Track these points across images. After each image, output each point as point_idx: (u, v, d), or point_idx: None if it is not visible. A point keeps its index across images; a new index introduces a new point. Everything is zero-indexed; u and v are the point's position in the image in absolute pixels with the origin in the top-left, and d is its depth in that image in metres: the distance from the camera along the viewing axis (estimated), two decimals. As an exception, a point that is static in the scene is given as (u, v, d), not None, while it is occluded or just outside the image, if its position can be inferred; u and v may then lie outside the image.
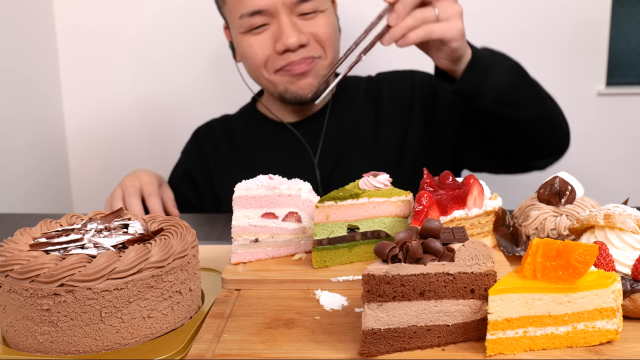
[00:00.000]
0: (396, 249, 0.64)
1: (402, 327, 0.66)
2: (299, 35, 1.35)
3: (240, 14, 1.37)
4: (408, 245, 0.64)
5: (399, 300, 0.65)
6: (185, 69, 2.10)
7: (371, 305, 0.65)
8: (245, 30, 1.39)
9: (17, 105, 1.90)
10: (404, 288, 0.65)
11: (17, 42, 1.89)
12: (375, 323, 0.65)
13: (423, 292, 0.65)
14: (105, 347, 0.67)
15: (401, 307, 0.65)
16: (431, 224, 0.66)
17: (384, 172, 0.94)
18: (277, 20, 1.36)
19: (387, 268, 0.64)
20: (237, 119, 1.64)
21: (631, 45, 2.07)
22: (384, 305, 0.65)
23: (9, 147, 1.86)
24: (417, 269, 0.64)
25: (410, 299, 0.65)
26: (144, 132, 2.17)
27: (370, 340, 0.65)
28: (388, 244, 0.65)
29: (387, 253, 0.64)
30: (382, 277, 0.64)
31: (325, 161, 1.51)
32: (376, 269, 0.64)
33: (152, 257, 0.69)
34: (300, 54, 1.37)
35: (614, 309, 0.66)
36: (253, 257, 0.92)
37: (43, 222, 0.80)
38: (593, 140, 2.08)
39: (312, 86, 1.41)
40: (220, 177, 1.57)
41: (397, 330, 0.65)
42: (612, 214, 0.75)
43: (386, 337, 0.65)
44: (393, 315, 0.65)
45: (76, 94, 2.14)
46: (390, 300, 0.65)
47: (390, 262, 0.64)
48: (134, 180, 1.34)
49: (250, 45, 1.40)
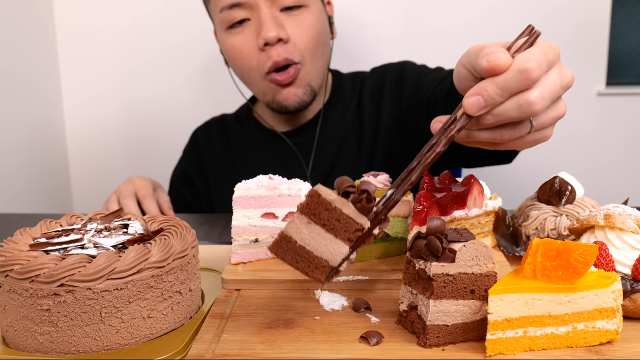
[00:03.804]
0: (355, 192, 0.65)
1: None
2: (279, 30, 1.31)
3: (221, 7, 1.34)
4: (369, 195, 0.64)
5: (328, 231, 0.65)
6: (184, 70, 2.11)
7: (301, 218, 0.65)
8: (227, 25, 1.36)
9: (16, 105, 1.90)
10: (338, 223, 0.65)
11: (16, 42, 1.89)
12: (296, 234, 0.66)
13: (350, 239, 0.65)
14: (105, 347, 0.67)
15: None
16: (434, 222, 0.66)
17: (384, 172, 0.94)
18: (257, 14, 1.32)
19: (334, 197, 0.65)
20: (233, 121, 1.63)
21: (631, 45, 2.07)
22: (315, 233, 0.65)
23: (9, 147, 1.86)
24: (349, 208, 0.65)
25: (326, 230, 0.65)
26: (144, 132, 2.17)
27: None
28: (349, 180, 0.66)
29: (343, 187, 0.65)
30: (325, 202, 0.64)
31: (318, 172, 1.49)
32: (327, 192, 0.65)
33: (152, 257, 0.69)
34: (282, 53, 1.32)
35: (614, 309, 0.66)
36: (253, 257, 0.92)
37: (43, 222, 0.80)
38: (593, 140, 2.08)
39: (296, 96, 1.38)
40: (214, 179, 1.57)
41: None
42: (612, 214, 0.75)
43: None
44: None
45: (76, 95, 2.14)
46: (320, 225, 0.65)
47: (341, 195, 0.65)
48: (129, 185, 1.35)
49: (235, 47, 1.37)
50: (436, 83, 1.30)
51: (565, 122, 2.03)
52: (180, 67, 2.10)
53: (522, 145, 0.75)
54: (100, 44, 2.09)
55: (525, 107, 0.66)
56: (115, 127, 2.17)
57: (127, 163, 2.18)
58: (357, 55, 2.02)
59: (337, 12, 1.60)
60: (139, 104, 2.14)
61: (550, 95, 0.68)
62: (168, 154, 1.91)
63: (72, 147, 2.19)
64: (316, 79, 1.41)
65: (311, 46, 1.36)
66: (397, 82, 1.48)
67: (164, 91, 2.12)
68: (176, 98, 2.12)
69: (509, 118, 0.68)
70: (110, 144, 2.18)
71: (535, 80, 0.66)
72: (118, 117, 2.16)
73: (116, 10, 2.07)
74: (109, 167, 2.19)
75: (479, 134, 0.72)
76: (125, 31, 2.08)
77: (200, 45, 2.05)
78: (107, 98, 2.14)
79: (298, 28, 1.34)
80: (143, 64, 2.10)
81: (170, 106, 2.13)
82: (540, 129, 0.73)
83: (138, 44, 2.09)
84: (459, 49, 1.06)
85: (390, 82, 1.49)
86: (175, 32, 2.07)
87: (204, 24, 1.72)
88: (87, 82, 2.13)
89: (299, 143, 1.50)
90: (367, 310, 0.76)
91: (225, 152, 1.58)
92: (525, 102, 0.66)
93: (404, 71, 1.49)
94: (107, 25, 2.08)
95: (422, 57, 1.62)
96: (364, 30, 2.03)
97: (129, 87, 2.13)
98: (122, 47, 2.10)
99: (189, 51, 2.08)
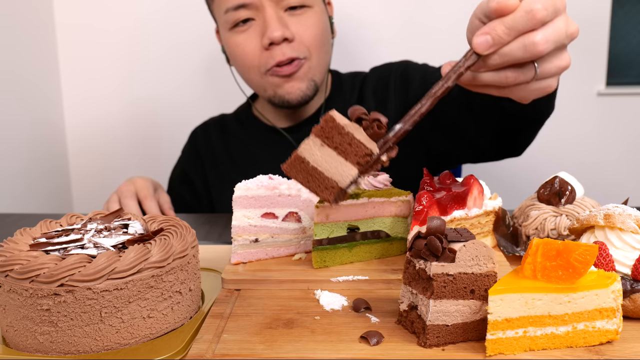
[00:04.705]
0: (367, 119, 0.70)
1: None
2: (284, 29, 1.32)
3: (226, 8, 1.35)
4: (380, 122, 0.70)
5: (339, 154, 0.71)
6: (185, 69, 2.11)
7: (315, 140, 0.71)
8: (232, 25, 1.37)
9: (16, 105, 1.90)
10: (350, 147, 0.70)
11: (16, 42, 1.89)
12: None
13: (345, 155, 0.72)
14: (105, 347, 0.67)
15: None
16: (434, 222, 0.66)
17: (383, 172, 0.94)
18: (262, 14, 1.33)
19: (347, 122, 0.71)
20: (232, 120, 1.63)
21: (631, 45, 2.07)
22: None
23: (9, 146, 1.86)
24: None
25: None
26: (144, 132, 2.17)
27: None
28: (362, 109, 0.72)
29: (356, 114, 0.71)
30: (339, 127, 0.70)
31: None
32: (341, 117, 0.70)
33: (152, 257, 0.69)
34: (286, 51, 1.34)
35: (614, 309, 0.66)
36: (253, 257, 0.92)
37: (43, 222, 0.80)
38: (593, 140, 2.08)
39: (299, 90, 1.38)
40: (214, 179, 1.57)
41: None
42: (612, 214, 0.75)
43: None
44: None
45: (76, 94, 2.15)
46: (332, 148, 0.71)
47: (354, 121, 0.71)
48: (129, 185, 1.36)
49: (238, 45, 1.38)
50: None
51: (565, 122, 2.04)
52: (182, 66, 2.10)
53: (527, 94, 0.79)
54: (99, 43, 2.09)
55: (530, 47, 0.70)
56: (115, 127, 2.17)
57: (127, 162, 2.18)
58: (356, 54, 2.02)
59: (336, 12, 1.60)
60: (139, 104, 2.14)
61: (554, 38, 0.72)
62: (170, 152, 1.91)
63: (72, 147, 2.19)
64: (319, 74, 1.42)
65: (315, 43, 1.38)
66: (402, 80, 1.49)
67: (165, 90, 2.12)
68: (179, 96, 2.12)
69: (514, 58, 0.72)
70: (111, 144, 2.18)
71: (541, 21, 0.70)
72: (118, 117, 2.16)
73: (116, 10, 2.07)
74: (110, 167, 2.19)
75: (485, 76, 0.75)
76: (125, 31, 2.08)
77: (203, 44, 2.05)
78: (107, 98, 2.14)
79: (302, 27, 1.35)
80: (143, 64, 2.10)
81: (172, 105, 2.13)
82: (545, 78, 0.77)
83: (138, 44, 2.09)
84: (458, 48, 1.06)
85: (395, 81, 1.50)
86: (178, 32, 2.07)
87: (205, 23, 1.72)
88: (87, 81, 2.13)
89: (300, 139, 1.49)
90: (367, 310, 0.76)
91: (224, 150, 1.58)
92: (530, 43, 0.70)
93: (409, 70, 1.49)
94: (107, 24, 2.08)
95: (422, 57, 1.62)
96: (363, 30, 2.03)
97: (129, 87, 2.13)
98: (122, 47, 2.10)
99: (191, 50, 2.08)
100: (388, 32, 2.02)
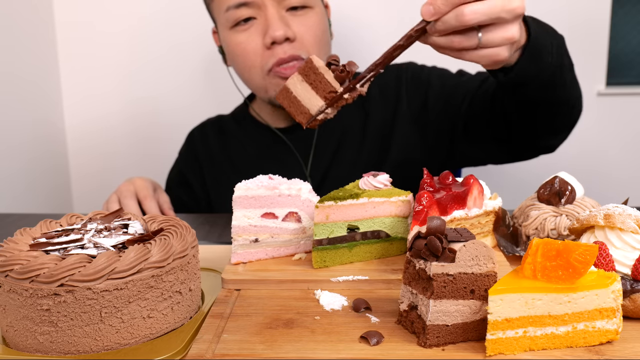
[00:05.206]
0: (336, 64, 0.89)
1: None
2: (286, 29, 1.32)
3: (227, 6, 1.35)
4: (343, 69, 0.88)
5: (313, 88, 0.91)
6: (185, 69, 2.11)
7: (298, 77, 0.91)
8: (232, 24, 1.36)
9: (16, 105, 1.90)
10: (320, 84, 0.90)
11: (16, 42, 1.89)
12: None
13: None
14: (105, 347, 0.67)
15: None
16: (434, 222, 0.66)
17: (383, 172, 0.94)
18: (264, 13, 1.33)
19: (321, 65, 0.90)
20: (230, 121, 1.63)
21: (631, 45, 2.07)
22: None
23: (9, 146, 1.86)
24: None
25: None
26: (144, 132, 2.17)
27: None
28: (335, 56, 0.90)
29: (328, 59, 0.90)
30: (314, 68, 0.89)
31: (316, 169, 1.49)
32: (317, 60, 0.90)
33: (152, 257, 0.69)
34: (288, 50, 1.34)
35: (614, 309, 0.66)
36: (253, 257, 0.92)
37: (43, 222, 0.80)
38: (593, 140, 2.08)
39: None
40: (212, 180, 1.57)
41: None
42: (612, 214, 0.75)
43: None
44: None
45: (76, 94, 2.14)
46: (308, 83, 0.91)
47: (326, 65, 0.90)
48: (129, 185, 1.36)
49: (239, 44, 1.37)
50: (478, 82, 1.38)
51: (565, 122, 2.03)
52: (182, 67, 2.10)
53: (478, 59, 0.91)
54: (99, 43, 2.09)
55: (460, 17, 0.84)
56: (115, 126, 2.17)
57: (127, 162, 2.18)
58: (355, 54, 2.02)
59: (334, 13, 1.61)
60: (139, 103, 2.14)
61: (484, 11, 0.84)
62: (169, 152, 1.90)
63: (72, 147, 2.19)
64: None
65: (316, 44, 1.38)
66: (413, 80, 1.50)
67: (165, 90, 2.12)
68: (179, 97, 2.12)
69: (452, 26, 0.86)
70: (111, 144, 2.18)
71: None
72: (118, 116, 2.16)
73: (116, 10, 2.07)
74: (109, 167, 2.19)
75: (437, 39, 0.90)
76: (125, 31, 2.08)
77: (203, 44, 2.04)
78: (107, 98, 2.14)
79: (304, 27, 1.36)
80: (143, 64, 2.10)
81: (172, 105, 2.13)
82: (491, 46, 0.90)
83: (138, 44, 2.09)
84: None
85: (407, 80, 1.51)
86: (178, 32, 2.06)
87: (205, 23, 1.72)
88: (87, 80, 2.13)
89: (297, 139, 1.50)
90: (367, 310, 0.76)
91: (222, 151, 1.58)
92: (460, 13, 0.84)
93: (424, 72, 1.50)
94: (107, 24, 2.08)
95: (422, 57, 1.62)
96: (361, 30, 2.03)
97: (128, 87, 2.13)
98: (122, 47, 2.10)
99: (191, 50, 2.08)
100: (387, 32, 2.02)
